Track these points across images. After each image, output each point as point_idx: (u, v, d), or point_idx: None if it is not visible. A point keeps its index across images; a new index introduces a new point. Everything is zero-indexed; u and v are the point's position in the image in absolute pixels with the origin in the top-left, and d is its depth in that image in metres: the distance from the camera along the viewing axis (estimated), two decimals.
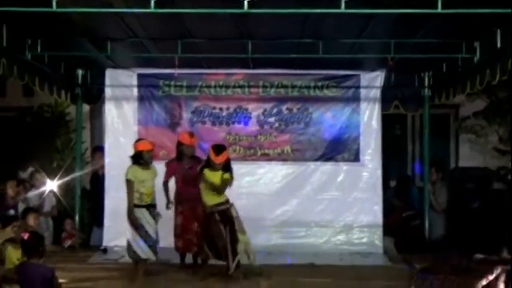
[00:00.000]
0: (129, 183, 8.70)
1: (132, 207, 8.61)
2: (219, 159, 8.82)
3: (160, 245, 8.98)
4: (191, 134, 9.57)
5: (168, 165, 9.58)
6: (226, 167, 8.90)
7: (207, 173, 8.84)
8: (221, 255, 8.83)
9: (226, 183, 8.88)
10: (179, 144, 9.47)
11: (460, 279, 7.69)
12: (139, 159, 8.79)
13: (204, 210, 8.93)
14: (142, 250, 8.61)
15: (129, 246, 8.70)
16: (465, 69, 9.47)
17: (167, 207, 9.26)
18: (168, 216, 9.19)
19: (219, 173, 8.84)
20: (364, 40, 8.82)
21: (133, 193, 8.66)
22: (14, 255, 8.09)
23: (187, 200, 9.17)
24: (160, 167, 9.32)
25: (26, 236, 7.10)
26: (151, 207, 8.76)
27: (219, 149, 8.96)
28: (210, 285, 8.36)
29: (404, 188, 11.83)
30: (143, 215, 8.65)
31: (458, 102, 12.99)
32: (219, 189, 8.85)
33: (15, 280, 7.49)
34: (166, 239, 9.32)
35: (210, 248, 8.89)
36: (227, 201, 8.95)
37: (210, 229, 8.84)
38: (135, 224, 8.58)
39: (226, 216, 8.85)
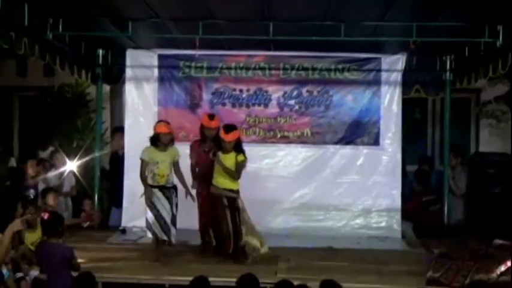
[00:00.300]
0: (142, 162, 8.83)
1: (145, 186, 8.72)
2: (229, 137, 8.78)
3: (182, 226, 9.01)
4: (211, 116, 9.48)
5: (191, 147, 9.60)
6: (238, 148, 8.88)
7: (221, 155, 8.82)
8: (224, 239, 8.84)
9: (242, 165, 8.86)
10: (201, 126, 9.46)
11: (479, 265, 7.70)
12: (157, 141, 8.83)
13: (212, 191, 8.90)
14: (156, 227, 8.69)
15: (148, 224, 8.78)
16: (487, 53, 9.38)
17: (192, 187, 9.29)
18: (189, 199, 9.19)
19: (232, 155, 8.80)
20: (386, 23, 8.76)
21: (145, 172, 8.76)
22: (29, 239, 8.16)
23: (205, 181, 9.17)
24: (181, 148, 9.32)
25: (45, 215, 7.15)
26: (165, 188, 8.78)
27: (229, 127, 8.93)
28: (226, 268, 8.35)
29: (425, 171, 11.76)
30: (155, 195, 8.70)
31: (480, 86, 12.86)
32: (235, 175, 8.82)
33: (33, 260, 7.60)
34: (188, 221, 9.35)
35: (214, 232, 8.95)
36: (238, 191, 8.91)
37: (215, 211, 8.84)
38: (147, 202, 8.68)
39: (233, 204, 8.84)
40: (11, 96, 14.23)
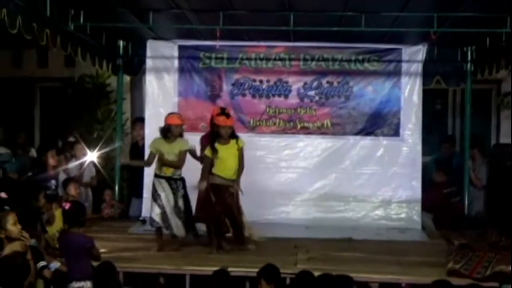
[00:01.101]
0: (150, 154, 8.99)
1: (155, 177, 8.85)
2: (230, 122, 8.85)
3: None
4: (227, 114, 9.08)
5: (201, 140, 9.64)
6: (234, 133, 8.90)
7: (220, 149, 8.78)
8: (238, 226, 8.89)
9: (243, 154, 8.86)
10: (213, 122, 9.30)
11: (499, 256, 7.68)
12: (168, 132, 8.88)
13: (217, 182, 8.83)
14: (159, 217, 8.77)
15: (150, 216, 8.88)
16: (509, 44, 9.31)
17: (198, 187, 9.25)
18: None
19: (232, 143, 8.81)
20: (407, 14, 8.73)
21: (151, 163, 8.96)
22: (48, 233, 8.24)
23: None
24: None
25: (67, 205, 7.20)
26: (171, 179, 8.84)
27: (226, 113, 8.94)
28: (246, 258, 8.38)
29: (444, 160, 11.72)
30: (161, 185, 8.79)
31: (501, 77, 12.79)
32: (241, 162, 8.85)
33: (56, 251, 7.67)
34: None
35: (231, 221, 8.86)
36: (234, 180, 8.90)
37: (225, 201, 8.81)
38: (152, 192, 8.82)
39: (237, 194, 8.92)
40: (32, 87, 14.31)
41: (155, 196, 8.80)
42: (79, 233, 7.07)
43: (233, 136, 8.86)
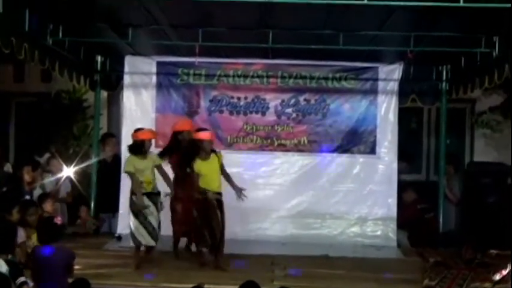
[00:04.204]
0: (130, 175, 8.86)
1: (134, 195, 8.77)
2: (210, 136, 9.00)
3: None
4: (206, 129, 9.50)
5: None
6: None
7: (201, 166, 8.86)
8: (217, 244, 8.86)
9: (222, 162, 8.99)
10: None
11: (474, 273, 7.75)
12: (142, 148, 8.85)
13: (200, 195, 8.88)
14: (143, 237, 8.74)
15: (132, 233, 8.83)
16: (483, 64, 9.46)
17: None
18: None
19: (213, 157, 8.90)
20: (384, 33, 8.81)
21: (137, 183, 8.77)
22: (33, 239, 8.17)
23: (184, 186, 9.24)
24: None
25: (43, 221, 7.14)
26: (152, 194, 8.83)
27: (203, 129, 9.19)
28: (223, 274, 8.38)
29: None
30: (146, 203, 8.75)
31: (475, 96, 12.95)
32: (225, 171, 9.01)
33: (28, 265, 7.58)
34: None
35: (210, 232, 8.83)
36: (221, 193, 8.97)
37: (209, 216, 8.83)
38: (134, 210, 8.74)
39: (221, 207, 8.92)
40: (8, 102, 14.19)
41: (139, 215, 8.74)
42: (58, 247, 7.01)
43: (212, 150, 8.95)
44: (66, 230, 8.36)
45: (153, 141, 9.33)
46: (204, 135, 8.97)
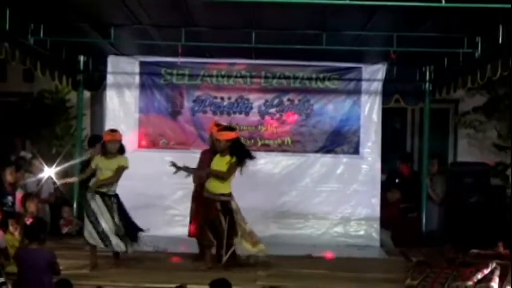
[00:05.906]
0: (88, 168, 8.96)
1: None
2: (223, 136, 8.74)
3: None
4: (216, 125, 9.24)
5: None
6: (235, 151, 8.75)
7: (215, 159, 8.78)
8: (218, 244, 8.80)
9: (231, 168, 8.72)
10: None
11: (456, 272, 7.76)
12: (104, 149, 8.82)
13: (205, 195, 8.84)
14: (91, 235, 8.64)
15: (86, 232, 8.73)
16: (466, 64, 9.50)
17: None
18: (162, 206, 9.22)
19: (227, 158, 8.72)
20: (368, 33, 8.84)
21: (87, 176, 8.91)
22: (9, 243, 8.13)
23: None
24: (162, 155, 9.30)
25: (29, 221, 7.10)
26: (106, 196, 8.71)
27: (224, 127, 8.95)
28: (206, 275, 8.34)
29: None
30: (96, 202, 8.65)
31: (458, 97, 12.98)
32: (223, 176, 8.71)
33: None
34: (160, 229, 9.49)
35: (213, 233, 8.77)
36: (230, 194, 8.85)
37: (209, 216, 8.80)
38: (85, 208, 8.71)
39: (226, 208, 8.80)
40: None
41: (89, 213, 8.65)
42: (41, 249, 6.98)
43: (233, 152, 8.76)
44: (48, 231, 8.26)
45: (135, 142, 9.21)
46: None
